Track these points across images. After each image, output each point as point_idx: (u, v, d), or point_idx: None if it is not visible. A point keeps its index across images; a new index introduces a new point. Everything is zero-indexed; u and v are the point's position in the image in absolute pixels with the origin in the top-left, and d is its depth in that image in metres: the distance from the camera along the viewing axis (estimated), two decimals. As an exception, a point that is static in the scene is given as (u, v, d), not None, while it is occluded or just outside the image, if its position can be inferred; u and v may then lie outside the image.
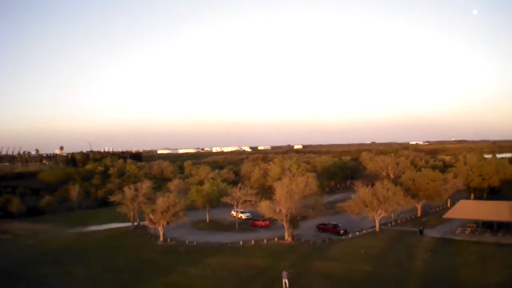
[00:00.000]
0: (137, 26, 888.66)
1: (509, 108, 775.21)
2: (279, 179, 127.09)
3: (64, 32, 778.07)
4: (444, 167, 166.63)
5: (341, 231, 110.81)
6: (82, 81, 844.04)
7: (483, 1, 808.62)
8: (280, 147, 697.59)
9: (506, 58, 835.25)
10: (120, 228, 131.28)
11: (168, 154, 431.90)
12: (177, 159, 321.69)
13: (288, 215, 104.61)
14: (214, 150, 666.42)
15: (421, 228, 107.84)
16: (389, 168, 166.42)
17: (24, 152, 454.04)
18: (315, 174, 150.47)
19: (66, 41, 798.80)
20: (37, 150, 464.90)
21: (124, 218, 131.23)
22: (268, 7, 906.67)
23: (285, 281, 69.08)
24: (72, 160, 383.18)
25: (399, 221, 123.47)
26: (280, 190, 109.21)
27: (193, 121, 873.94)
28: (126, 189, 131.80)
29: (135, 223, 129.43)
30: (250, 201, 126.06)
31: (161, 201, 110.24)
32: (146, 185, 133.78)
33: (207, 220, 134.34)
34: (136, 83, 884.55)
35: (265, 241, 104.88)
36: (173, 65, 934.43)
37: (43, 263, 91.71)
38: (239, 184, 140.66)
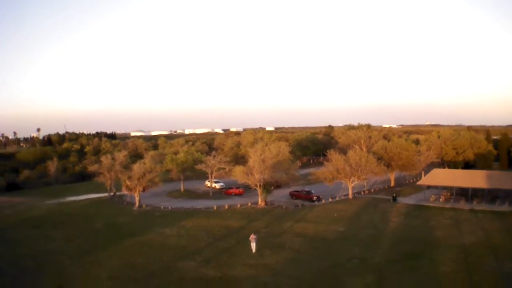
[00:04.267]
0: (109, 8, 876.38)
1: (484, 93, 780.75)
2: (252, 147, 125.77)
3: (38, 15, 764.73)
4: (417, 142, 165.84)
5: (314, 197, 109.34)
6: (57, 65, 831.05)
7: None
8: (252, 129, 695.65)
9: (481, 45, 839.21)
10: (97, 197, 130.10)
11: (141, 136, 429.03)
12: (150, 140, 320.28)
13: (261, 180, 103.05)
14: (187, 132, 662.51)
15: (394, 195, 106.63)
16: (362, 141, 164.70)
17: (3, 134, 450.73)
18: (287, 143, 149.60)
19: (40, 25, 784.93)
20: (15, 133, 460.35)
21: (101, 190, 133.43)
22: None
23: (254, 244, 65.16)
24: (49, 141, 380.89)
25: (372, 190, 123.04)
26: (253, 155, 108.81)
27: (165, 104, 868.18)
28: (103, 158, 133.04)
29: (112, 193, 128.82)
30: (224, 168, 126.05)
31: (137, 167, 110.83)
32: (122, 154, 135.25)
33: (182, 190, 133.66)
34: (111, 67, 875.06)
35: (238, 205, 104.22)
36: (146, 49, 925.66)
37: (22, 228, 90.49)
38: (213, 152, 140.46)
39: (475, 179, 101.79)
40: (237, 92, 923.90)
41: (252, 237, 65.76)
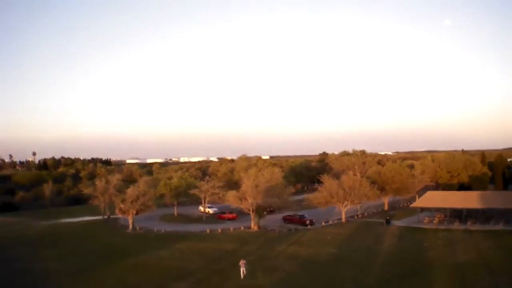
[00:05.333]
0: (102, 39, 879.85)
1: (478, 118, 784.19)
2: (246, 172, 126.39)
3: (37, 40, 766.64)
4: (412, 167, 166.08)
5: (307, 221, 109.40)
6: (54, 91, 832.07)
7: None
8: (247, 157, 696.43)
9: (476, 68, 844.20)
10: (91, 220, 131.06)
11: (137, 163, 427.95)
12: (145, 167, 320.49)
13: (254, 204, 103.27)
14: (182, 160, 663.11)
15: (388, 218, 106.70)
16: (356, 167, 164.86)
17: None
18: (281, 169, 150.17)
19: (38, 49, 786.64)
20: (10, 156, 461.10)
21: (96, 213, 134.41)
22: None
23: (243, 269, 63.35)
24: (44, 165, 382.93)
25: (365, 214, 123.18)
26: (246, 180, 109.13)
27: (161, 133, 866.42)
28: (97, 181, 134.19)
29: (106, 216, 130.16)
30: (217, 193, 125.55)
31: (131, 191, 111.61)
32: (116, 178, 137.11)
33: (175, 214, 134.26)
34: (106, 94, 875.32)
35: (231, 229, 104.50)
36: (141, 78, 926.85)
37: (14, 247, 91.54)
38: (207, 177, 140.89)
39: (469, 200, 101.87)
40: (233, 121, 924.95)
41: (242, 262, 64.11)
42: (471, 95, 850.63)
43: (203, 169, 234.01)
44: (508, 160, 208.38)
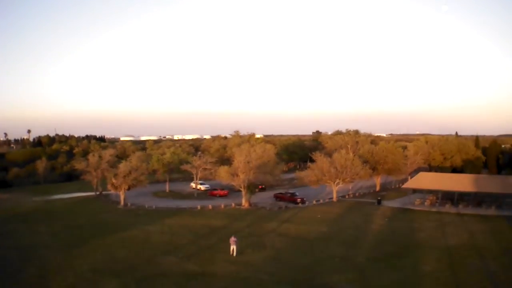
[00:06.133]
0: (100, 11, 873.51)
1: (474, 103, 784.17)
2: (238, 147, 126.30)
3: (28, 17, 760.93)
4: (405, 148, 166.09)
5: (298, 199, 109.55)
6: (49, 68, 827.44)
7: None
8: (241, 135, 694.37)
9: (471, 53, 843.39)
10: (83, 196, 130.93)
11: (130, 140, 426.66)
12: (139, 144, 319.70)
13: (246, 180, 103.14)
14: (176, 137, 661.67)
15: (379, 198, 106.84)
16: (349, 146, 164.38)
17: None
18: (273, 146, 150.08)
19: (33, 29, 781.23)
20: (5, 134, 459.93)
21: (88, 189, 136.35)
22: None
23: (233, 247, 62.08)
24: (39, 142, 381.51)
25: (357, 194, 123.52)
26: (238, 156, 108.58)
27: (155, 110, 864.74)
28: (90, 156, 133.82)
29: (98, 192, 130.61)
30: (209, 169, 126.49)
31: (123, 165, 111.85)
32: (109, 153, 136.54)
33: (167, 190, 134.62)
34: (101, 71, 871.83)
35: (222, 206, 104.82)
36: (136, 54, 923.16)
37: (9, 222, 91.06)
38: (199, 153, 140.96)
39: (462, 183, 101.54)
40: (226, 99, 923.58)
41: (232, 240, 62.82)
42: (466, 80, 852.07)
43: (196, 146, 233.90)
44: (503, 146, 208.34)
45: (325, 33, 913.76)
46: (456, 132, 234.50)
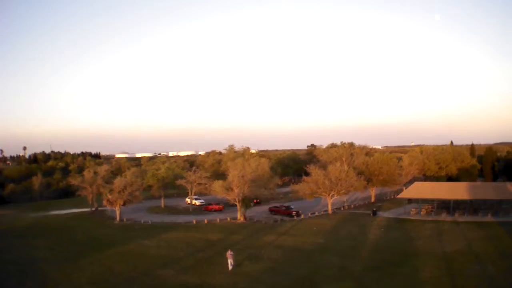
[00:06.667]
0: (93, 33, 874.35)
1: (468, 113, 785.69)
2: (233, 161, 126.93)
3: (27, 35, 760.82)
4: (400, 159, 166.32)
5: (294, 212, 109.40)
6: (44, 85, 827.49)
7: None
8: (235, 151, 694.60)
9: (467, 61, 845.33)
10: (79, 212, 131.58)
11: (126, 157, 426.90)
12: (134, 161, 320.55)
13: (241, 194, 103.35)
14: (171, 154, 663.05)
15: (374, 209, 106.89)
16: (343, 159, 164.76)
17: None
18: (268, 160, 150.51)
19: (23, 43, 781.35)
20: (1, 151, 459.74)
21: (84, 205, 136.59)
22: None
23: (231, 261, 61.46)
24: (34, 159, 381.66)
25: (352, 205, 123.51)
26: (233, 170, 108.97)
27: (151, 128, 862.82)
28: (85, 172, 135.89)
29: (94, 208, 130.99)
30: (204, 184, 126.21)
31: (118, 181, 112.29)
32: (104, 169, 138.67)
33: (162, 206, 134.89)
34: (96, 88, 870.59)
35: (218, 220, 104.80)
36: (131, 71, 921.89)
37: (6, 237, 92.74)
38: (194, 168, 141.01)
39: (457, 191, 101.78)
40: (221, 117, 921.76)
41: (229, 253, 62.25)
42: (461, 89, 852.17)
43: (190, 161, 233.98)
44: (498, 154, 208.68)
45: (317, 48, 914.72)
46: (451, 141, 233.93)
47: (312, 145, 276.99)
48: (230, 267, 60.73)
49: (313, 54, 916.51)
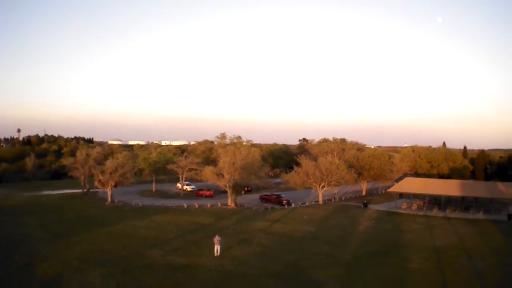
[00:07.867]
0: (88, 22, 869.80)
1: (463, 117, 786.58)
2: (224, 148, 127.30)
3: (28, 22, 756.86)
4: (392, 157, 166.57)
5: (284, 201, 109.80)
6: (39, 69, 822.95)
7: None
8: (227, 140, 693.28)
9: (461, 65, 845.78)
10: (71, 192, 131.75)
11: (118, 144, 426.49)
12: (127, 147, 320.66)
13: (231, 181, 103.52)
14: (164, 143, 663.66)
15: (365, 202, 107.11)
16: (335, 153, 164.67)
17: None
18: (259, 149, 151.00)
19: (28, 28, 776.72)
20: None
21: (76, 186, 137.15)
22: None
23: (217, 247, 59.47)
24: (28, 141, 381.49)
25: (343, 198, 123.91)
26: (224, 156, 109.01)
27: (144, 115, 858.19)
28: (77, 152, 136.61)
29: (85, 189, 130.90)
30: (195, 169, 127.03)
31: (110, 162, 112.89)
32: (96, 150, 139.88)
33: (154, 190, 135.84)
34: (90, 73, 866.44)
35: (208, 205, 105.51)
36: (127, 59, 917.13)
37: None
38: (185, 153, 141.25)
39: (449, 187, 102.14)
40: (215, 106, 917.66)
41: (216, 239, 60.15)
42: (455, 94, 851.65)
43: (182, 149, 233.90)
44: (491, 158, 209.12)
45: (313, 45, 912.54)
46: (444, 143, 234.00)
47: (304, 139, 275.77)
48: (216, 253, 58.97)
49: (308, 52, 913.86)
